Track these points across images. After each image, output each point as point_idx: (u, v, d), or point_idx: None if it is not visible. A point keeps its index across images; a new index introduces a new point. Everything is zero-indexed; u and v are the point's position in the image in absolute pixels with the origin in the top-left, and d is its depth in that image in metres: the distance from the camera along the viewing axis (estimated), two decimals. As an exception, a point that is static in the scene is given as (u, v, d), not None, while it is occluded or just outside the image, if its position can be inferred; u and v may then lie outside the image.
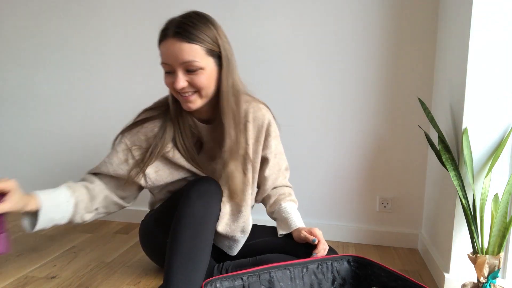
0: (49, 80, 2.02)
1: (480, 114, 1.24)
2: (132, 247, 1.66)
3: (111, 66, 1.95)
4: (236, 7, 1.77)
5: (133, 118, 1.26)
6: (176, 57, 1.04)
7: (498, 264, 1.12)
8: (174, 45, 1.03)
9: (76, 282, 1.33)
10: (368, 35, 1.71)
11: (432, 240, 1.56)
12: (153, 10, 1.87)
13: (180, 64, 1.04)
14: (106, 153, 1.24)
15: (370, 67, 1.72)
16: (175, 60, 1.04)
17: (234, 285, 1.00)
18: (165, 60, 1.06)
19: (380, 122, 1.74)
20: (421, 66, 1.68)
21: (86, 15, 1.94)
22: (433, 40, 1.66)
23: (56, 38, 1.99)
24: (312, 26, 1.74)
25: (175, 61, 1.04)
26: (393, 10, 1.68)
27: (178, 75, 1.05)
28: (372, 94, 1.73)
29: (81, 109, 2.00)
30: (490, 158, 1.23)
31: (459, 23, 1.34)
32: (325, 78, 1.76)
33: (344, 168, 1.78)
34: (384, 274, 1.07)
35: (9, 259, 1.50)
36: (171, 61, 1.05)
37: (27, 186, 2.12)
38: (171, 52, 1.04)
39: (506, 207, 1.13)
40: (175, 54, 1.03)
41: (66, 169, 2.05)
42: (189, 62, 1.03)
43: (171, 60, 1.05)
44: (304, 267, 1.09)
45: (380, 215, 1.78)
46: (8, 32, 2.04)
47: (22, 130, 2.09)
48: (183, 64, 1.04)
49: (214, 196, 1.12)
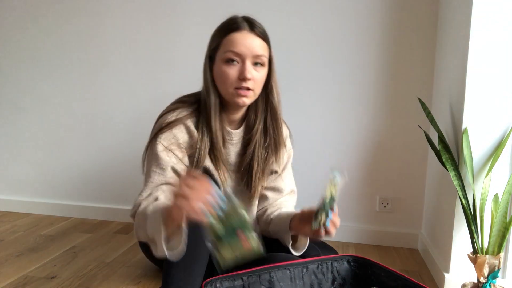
0: (49, 80, 2.02)
1: (480, 114, 1.24)
2: (132, 247, 1.66)
3: (111, 66, 1.95)
4: (236, 7, 1.77)
5: (157, 124, 1.18)
6: (251, 48, 1.07)
7: (498, 264, 1.12)
8: (250, 37, 1.08)
9: (76, 282, 1.33)
10: (368, 35, 1.71)
11: (432, 240, 1.56)
12: (154, 10, 1.87)
13: (252, 56, 1.07)
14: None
15: (370, 67, 1.72)
16: (249, 50, 1.07)
17: (234, 285, 1.00)
18: (238, 50, 1.07)
19: (380, 122, 1.74)
20: (421, 66, 1.68)
21: (86, 14, 1.94)
22: (433, 40, 1.66)
23: (56, 38, 1.99)
24: (312, 26, 1.74)
25: (249, 52, 1.07)
26: (393, 10, 1.68)
27: (248, 65, 1.07)
28: (372, 94, 1.73)
29: (81, 109, 2.00)
30: (490, 158, 1.23)
31: (459, 23, 1.34)
32: (325, 78, 1.76)
33: (344, 168, 1.78)
34: (384, 274, 1.07)
35: (9, 259, 1.50)
36: (245, 50, 1.07)
37: (27, 186, 2.13)
38: (246, 43, 1.07)
39: (506, 207, 1.13)
40: (250, 45, 1.07)
41: (66, 170, 2.05)
42: (260, 56, 1.09)
43: (244, 50, 1.07)
44: (304, 267, 1.09)
45: (380, 215, 1.78)
46: (8, 32, 2.04)
47: (22, 130, 2.09)
48: (254, 57, 1.08)
49: None
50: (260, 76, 1.11)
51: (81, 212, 2.05)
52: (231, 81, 1.08)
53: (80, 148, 2.02)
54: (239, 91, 1.08)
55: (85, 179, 2.04)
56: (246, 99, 1.10)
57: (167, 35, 1.87)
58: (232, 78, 1.08)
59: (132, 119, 1.95)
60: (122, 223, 1.97)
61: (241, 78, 1.07)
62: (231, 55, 1.08)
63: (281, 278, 1.05)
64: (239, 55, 1.07)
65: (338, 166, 1.79)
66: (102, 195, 2.03)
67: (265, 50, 1.11)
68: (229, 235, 0.80)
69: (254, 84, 1.09)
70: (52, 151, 2.06)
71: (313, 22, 1.74)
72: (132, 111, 1.95)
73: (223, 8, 1.78)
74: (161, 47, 1.89)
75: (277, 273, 1.05)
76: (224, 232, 0.80)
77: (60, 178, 2.07)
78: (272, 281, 1.04)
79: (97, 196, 2.04)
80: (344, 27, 1.72)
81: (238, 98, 1.09)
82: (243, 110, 1.19)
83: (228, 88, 1.09)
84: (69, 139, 2.04)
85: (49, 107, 2.04)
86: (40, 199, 2.10)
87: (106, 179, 2.01)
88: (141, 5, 1.88)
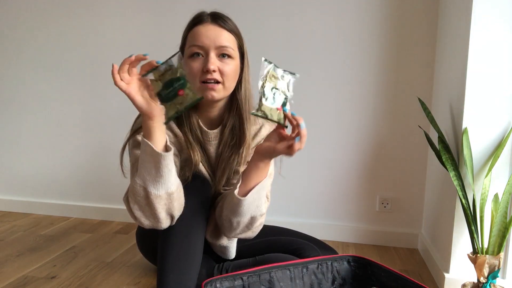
0: (49, 80, 2.02)
1: (480, 114, 1.24)
2: (132, 247, 1.66)
3: (110, 66, 1.95)
4: (236, 7, 1.77)
5: (134, 122, 1.20)
6: (213, 40, 1.05)
7: (498, 264, 1.12)
8: (213, 29, 1.06)
9: (76, 282, 1.33)
10: (368, 36, 1.71)
11: (432, 240, 1.56)
12: (154, 10, 1.87)
13: (215, 48, 1.05)
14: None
15: (370, 67, 1.72)
16: (211, 42, 1.05)
17: (234, 285, 1.00)
18: (200, 42, 1.05)
19: (380, 122, 1.74)
20: (421, 66, 1.68)
21: (86, 14, 1.94)
22: (433, 40, 1.66)
23: (57, 38, 1.99)
24: (312, 26, 1.74)
25: (211, 44, 1.05)
26: (393, 10, 1.68)
27: (212, 57, 1.05)
28: (372, 94, 1.73)
29: (81, 109, 2.00)
30: (490, 158, 1.23)
31: (459, 23, 1.34)
32: (325, 78, 1.76)
33: (344, 168, 1.78)
34: (384, 274, 1.07)
35: (9, 259, 1.50)
36: (207, 42, 1.05)
37: (27, 186, 2.13)
38: (209, 35, 1.05)
39: (506, 207, 1.13)
40: (213, 36, 1.05)
41: (66, 170, 2.05)
42: (225, 47, 1.06)
43: (207, 41, 1.05)
44: (304, 267, 1.09)
45: (380, 215, 1.78)
46: (8, 31, 2.04)
47: (21, 129, 2.09)
48: (218, 48, 1.05)
49: (204, 195, 1.11)
50: (229, 68, 1.06)
51: (81, 212, 2.05)
52: (196, 74, 1.05)
53: (80, 148, 2.02)
54: (206, 85, 1.05)
55: (85, 179, 2.04)
56: (214, 92, 1.06)
57: (167, 35, 1.86)
58: (196, 71, 1.05)
59: (132, 119, 1.94)
60: (122, 223, 1.97)
61: (205, 70, 1.04)
62: (194, 49, 1.06)
63: (281, 278, 1.05)
64: (202, 48, 1.05)
65: (338, 166, 1.79)
66: (102, 195, 2.03)
67: (231, 41, 1.07)
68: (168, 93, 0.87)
69: (221, 76, 1.06)
70: (52, 151, 2.06)
71: (312, 22, 1.74)
72: (133, 111, 1.94)
73: (223, 8, 1.78)
74: (161, 47, 1.88)
75: (277, 273, 1.05)
76: (163, 90, 0.87)
77: (60, 178, 2.07)
78: (272, 281, 1.04)
79: (97, 196, 2.04)
80: (345, 27, 1.72)
81: (206, 92, 1.05)
82: (217, 108, 1.15)
83: (196, 83, 1.06)
84: (69, 139, 2.04)
85: (49, 107, 2.04)
86: (40, 199, 2.10)
87: (106, 179, 2.01)
88: (141, 5, 1.88)
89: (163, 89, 0.87)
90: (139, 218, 0.99)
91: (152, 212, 0.96)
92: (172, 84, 0.86)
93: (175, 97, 0.86)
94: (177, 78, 0.86)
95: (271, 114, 0.90)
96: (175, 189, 0.97)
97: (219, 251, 1.24)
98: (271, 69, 0.90)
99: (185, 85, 0.86)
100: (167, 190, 0.95)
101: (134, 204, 0.97)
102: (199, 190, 1.09)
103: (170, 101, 0.86)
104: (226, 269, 1.20)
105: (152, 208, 0.95)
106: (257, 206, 1.05)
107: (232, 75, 1.08)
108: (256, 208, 1.05)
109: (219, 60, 1.06)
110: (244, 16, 1.77)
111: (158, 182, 0.93)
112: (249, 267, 1.08)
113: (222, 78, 1.06)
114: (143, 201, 0.96)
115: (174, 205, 0.98)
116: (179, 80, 0.86)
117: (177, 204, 0.99)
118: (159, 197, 0.94)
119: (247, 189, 1.02)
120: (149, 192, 0.93)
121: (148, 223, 0.99)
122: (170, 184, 0.94)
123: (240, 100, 1.13)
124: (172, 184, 0.95)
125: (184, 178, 1.10)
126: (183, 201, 1.02)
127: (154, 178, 0.93)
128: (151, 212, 0.96)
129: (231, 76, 1.08)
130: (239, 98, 1.13)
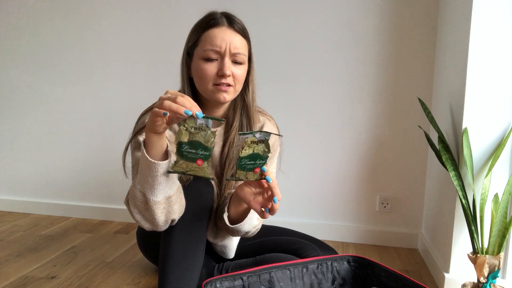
0: (49, 80, 2.02)
1: (480, 114, 1.24)
2: (132, 247, 1.66)
3: (111, 66, 1.95)
4: (236, 7, 1.77)
5: (137, 121, 1.19)
6: (229, 45, 1.05)
7: (498, 264, 1.12)
8: (229, 34, 1.06)
9: (76, 282, 1.33)
10: (368, 36, 1.71)
11: (432, 240, 1.56)
12: (154, 10, 1.87)
13: (231, 53, 1.06)
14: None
15: (370, 67, 1.72)
16: (227, 47, 1.05)
17: (234, 285, 1.00)
18: (218, 47, 1.05)
19: (380, 122, 1.74)
20: (421, 67, 1.68)
21: (86, 14, 1.94)
22: (433, 40, 1.66)
23: (56, 38, 1.99)
24: (312, 26, 1.74)
25: (227, 49, 1.05)
26: (393, 10, 1.68)
27: (227, 62, 1.05)
28: (372, 94, 1.73)
29: (81, 109, 2.00)
30: (490, 158, 1.23)
31: (459, 23, 1.34)
32: (324, 78, 1.76)
33: (344, 168, 1.78)
34: (384, 274, 1.07)
35: (9, 259, 1.50)
36: (224, 47, 1.05)
37: (27, 186, 2.13)
38: (226, 39, 1.05)
39: (506, 207, 1.13)
40: (230, 41, 1.05)
41: (67, 170, 2.06)
42: (239, 54, 1.07)
43: (224, 46, 1.05)
44: (304, 267, 1.09)
45: (380, 215, 1.78)
46: (8, 31, 2.04)
47: (22, 130, 2.09)
48: (233, 55, 1.06)
49: (205, 196, 1.11)
50: (240, 73, 1.09)
51: (81, 212, 2.05)
52: (210, 78, 1.06)
53: (80, 148, 2.02)
54: (219, 87, 1.06)
55: (85, 179, 2.04)
56: (226, 94, 1.07)
57: (167, 35, 1.87)
58: (210, 75, 1.06)
59: (132, 119, 1.93)
60: (122, 223, 1.97)
61: (220, 75, 1.05)
62: (210, 53, 1.05)
63: (281, 278, 1.05)
64: (218, 52, 1.05)
65: (338, 166, 1.79)
66: (102, 195, 2.03)
67: (244, 47, 1.09)
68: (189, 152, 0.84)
69: (234, 81, 1.08)
70: (52, 151, 2.06)
71: (312, 22, 1.74)
72: (133, 111, 1.94)
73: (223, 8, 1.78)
74: (161, 47, 1.89)
75: (277, 273, 1.05)
76: (186, 145, 0.83)
77: (60, 178, 2.07)
78: (272, 281, 1.04)
79: (97, 196, 2.04)
80: (344, 27, 1.72)
81: (219, 94, 1.07)
82: (223, 108, 1.16)
83: (207, 85, 1.07)
84: (69, 139, 2.04)
85: (49, 107, 2.04)
86: (40, 199, 2.10)
87: (106, 179, 2.01)
88: (141, 5, 1.88)
89: (187, 144, 0.84)
90: (139, 221, 1.00)
91: (151, 216, 0.97)
92: (197, 148, 0.84)
93: (191, 161, 0.85)
94: (205, 147, 0.84)
95: (247, 177, 0.90)
96: (174, 192, 0.97)
97: (219, 250, 1.24)
98: (248, 138, 0.87)
99: (207, 159, 0.85)
100: (165, 194, 0.95)
101: (134, 208, 0.98)
102: (201, 190, 1.10)
103: (185, 160, 0.85)
104: (226, 269, 1.21)
105: (151, 213, 0.96)
106: (250, 224, 1.10)
107: (242, 78, 1.11)
108: (249, 225, 1.10)
109: (232, 66, 1.08)
110: (244, 16, 1.76)
111: (156, 189, 0.93)
112: (249, 267, 1.08)
113: (234, 82, 1.08)
114: (142, 206, 0.96)
115: (174, 208, 0.98)
116: (206, 150, 0.84)
117: (177, 206, 0.99)
118: (157, 202, 0.94)
119: (238, 211, 1.07)
120: (148, 198, 0.94)
121: (148, 226, 1.00)
122: (167, 188, 0.95)
123: (248, 101, 1.16)
124: (170, 188, 0.95)
125: (186, 178, 1.10)
126: (183, 202, 1.02)
127: (151, 185, 0.93)
128: (150, 217, 0.97)
129: (241, 79, 1.11)
130: (247, 99, 1.16)
